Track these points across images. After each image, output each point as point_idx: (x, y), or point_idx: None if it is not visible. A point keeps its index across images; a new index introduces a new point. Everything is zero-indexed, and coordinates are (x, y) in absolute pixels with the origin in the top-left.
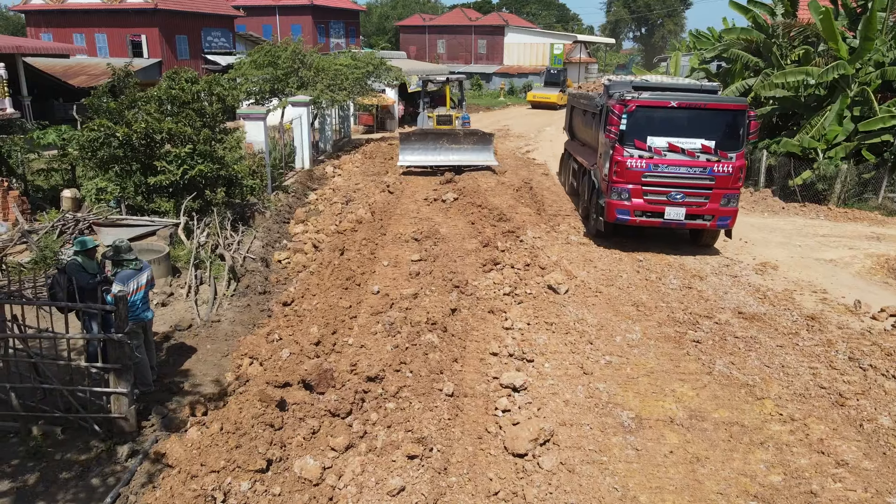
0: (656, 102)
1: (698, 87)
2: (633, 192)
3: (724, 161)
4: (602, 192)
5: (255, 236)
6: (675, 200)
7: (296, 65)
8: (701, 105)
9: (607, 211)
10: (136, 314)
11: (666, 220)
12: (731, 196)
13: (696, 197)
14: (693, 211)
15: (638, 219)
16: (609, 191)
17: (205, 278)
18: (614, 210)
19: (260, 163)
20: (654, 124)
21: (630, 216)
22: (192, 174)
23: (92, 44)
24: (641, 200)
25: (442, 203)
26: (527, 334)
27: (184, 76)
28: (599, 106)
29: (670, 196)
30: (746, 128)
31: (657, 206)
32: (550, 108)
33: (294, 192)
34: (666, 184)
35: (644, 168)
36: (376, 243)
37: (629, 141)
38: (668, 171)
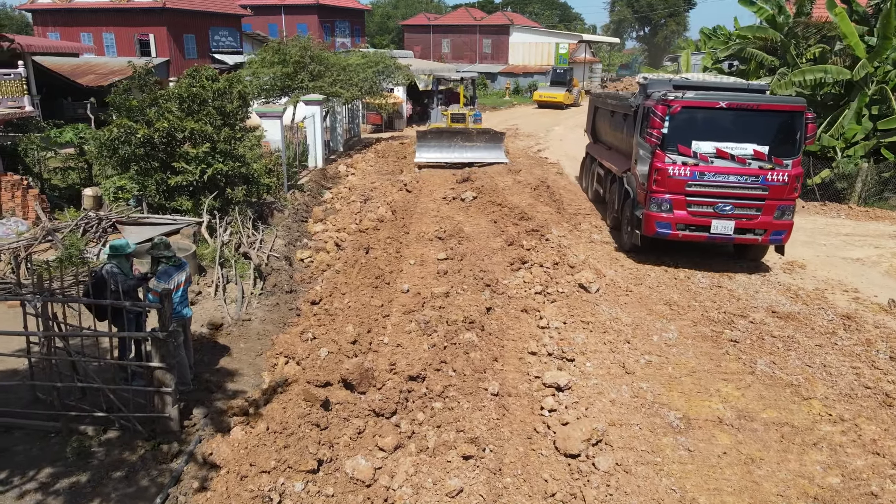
0: (704, 103)
1: (745, 86)
2: (676, 202)
3: (778, 169)
4: (638, 203)
5: (276, 235)
6: (723, 213)
7: (304, 59)
8: (753, 106)
9: (645, 224)
10: (177, 311)
11: (712, 234)
12: (785, 208)
13: (747, 209)
14: (743, 224)
15: (680, 233)
16: (647, 201)
17: (231, 277)
18: (653, 223)
19: (276, 161)
20: (700, 127)
21: (671, 230)
22: (209, 173)
23: (100, 43)
24: (685, 212)
25: (461, 202)
26: (564, 333)
27: (204, 74)
28: (634, 106)
29: (717, 208)
30: (804, 131)
31: (702, 219)
32: (557, 108)
33: (309, 190)
34: (713, 194)
35: (688, 176)
36: (401, 242)
37: (671, 146)
38: (716, 179)
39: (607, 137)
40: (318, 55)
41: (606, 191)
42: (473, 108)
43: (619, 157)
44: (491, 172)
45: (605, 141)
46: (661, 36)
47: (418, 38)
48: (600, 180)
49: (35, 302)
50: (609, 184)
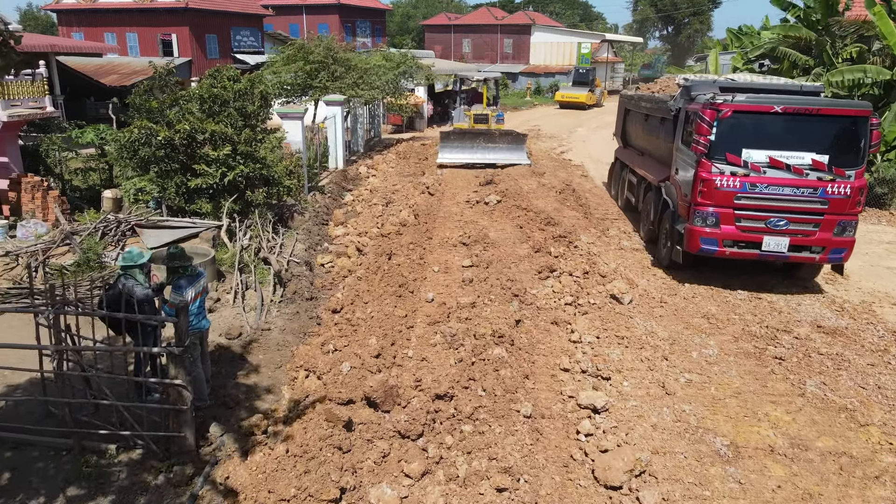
0: (757, 107)
1: (798, 88)
2: (723, 217)
3: (839, 180)
4: (680, 216)
5: (296, 239)
6: (777, 228)
7: (328, 60)
8: (812, 110)
9: (688, 239)
10: (193, 324)
11: (764, 251)
12: (847, 223)
13: (803, 224)
14: (798, 241)
15: (728, 250)
16: (692, 215)
17: (250, 283)
18: (697, 239)
19: (297, 163)
20: (751, 134)
21: (718, 247)
22: (230, 177)
23: (123, 43)
24: (733, 227)
25: (485, 206)
26: (598, 349)
27: (226, 74)
28: (674, 110)
29: (770, 223)
30: (868, 138)
31: (753, 235)
32: (579, 109)
33: (330, 192)
34: (765, 207)
35: (738, 188)
36: (424, 248)
37: (719, 154)
38: (769, 191)
39: (640, 142)
40: (341, 57)
41: (640, 200)
42: (496, 109)
43: (655, 164)
44: (514, 175)
45: (638, 146)
46: (685, 35)
47: (439, 37)
48: (632, 188)
49: (47, 314)
50: (643, 193)
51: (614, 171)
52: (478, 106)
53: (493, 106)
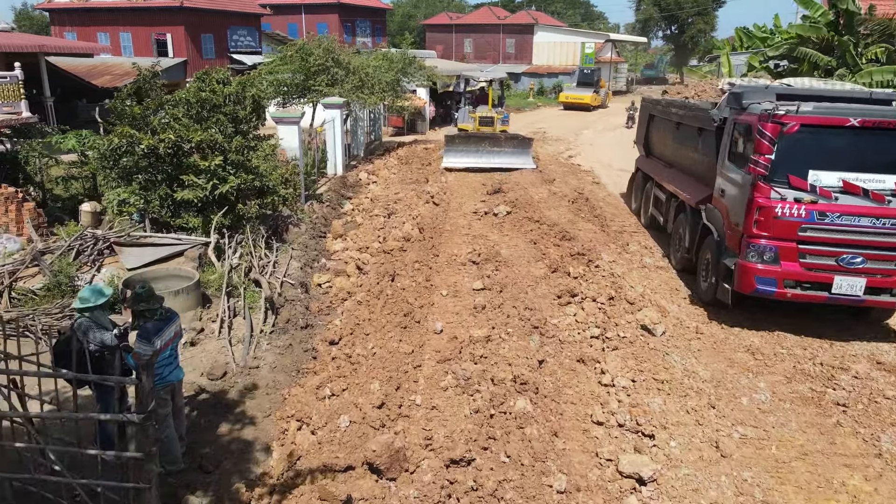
0: (829, 120)
1: (867, 95)
2: (784, 252)
3: None
4: (728, 248)
5: (291, 255)
6: (851, 266)
7: (328, 62)
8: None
9: (740, 277)
10: (164, 377)
11: (834, 294)
12: None
13: (884, 262)
14: (877, 283)
15: (789, 291)
16: (744, 248)
17: (238, 309)
18: (752, 277)
19: (293, 170)
20: (820, 152)
21: (777, 287)
22: (223, 190)
23: (117, 43)
24: (796, 265)
25: (494, 217)
26: (634, 395)
27: (215, 77)
28: (718, 120)
29: (843, 260)
30: None
31: (821, 275)
32: (584, 110)
33: (328, 201)
34: (837, 241)
35: (803, 217)
36: (430, 267)
37: (781, 176)
38: (841, 222)
39: (669, 154)
40: (341, 59)
41: (669, 220)
42: (502, 110)
43: (690, 180)
44: (523, 183)
45: (666, 157)
46: (689, 35)
47: (440, 37)
48: (659, 205)
49: None
50: (673, 212)
51: (635, 182)
52: (483, 107)
53: (498, 108)
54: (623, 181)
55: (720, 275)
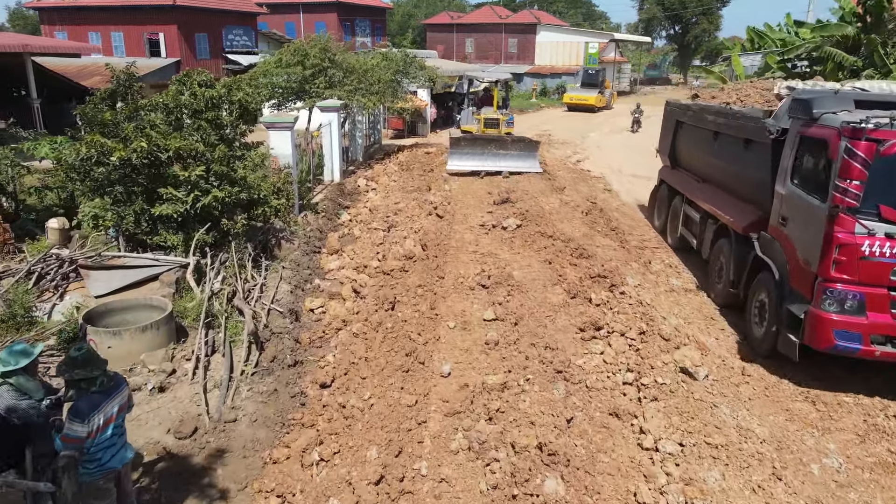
0: None
1: None
2: (873, 300)
3: None
4: (795, 291)
5: (281, 276)
6: None
7: (325, 63)
8: None
9: (814, 329)
10: (103, 463)
11: None
12: None
13: None
14: None
15: (878, 349)
16: (820, 293)
17: (218, 342)
18: (829, 330)
19: (286, 179)
20: None
21: (862, 344)
22: (205, 202)
23: (108, 42)
24: (888, 316)
25: (503, 231)
26: (685, 466)
27: (196, 79)
28: (775, 132)
29: None
30: None
31: None
32: (588, 111)
33: (324, 211)
34: None
35: None
36: (435, 292)
37: (868, 206)
38: None
39: (705, 168)
40: (339, 59)
41: (705, 244)
42: (507, 112)
43: (733, 200)
44: (532, 192)
45: (700, 171)
46: (692, 35)
47: (441, 37)
48: (691, 225)
49: None
50: (711, 236)
51: (658, 196)
52: (487, 109)
53: (502, 109)
54: (636, 188)
55: (783, 323)
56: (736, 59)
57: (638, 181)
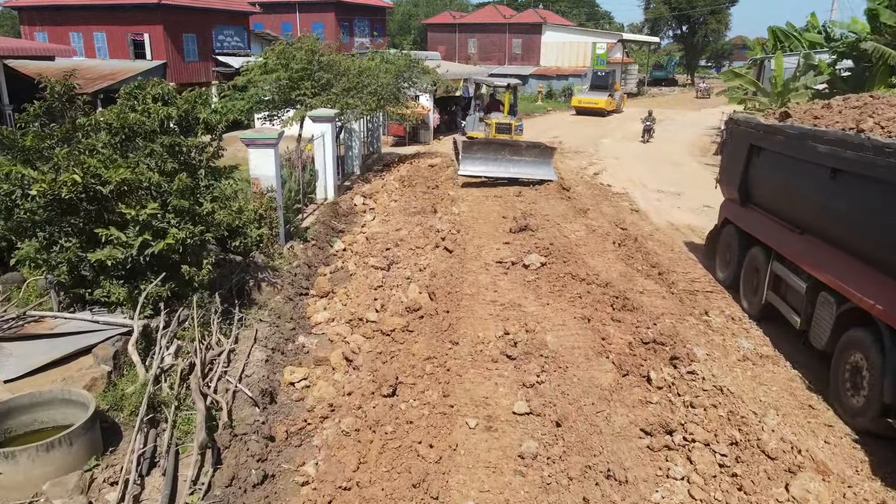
0: None
1: None
2: None
3: None
4: None
5: (256, 336)
6: None
7: (311, 66)
8: None
9: None
10: None
11: None
12: None
13: None
14: None
15: None
16: None
17: (161, 449)
18: None
19: (269, 205)
20: None
21: None
22: (158, 248)
23: (90, 44)
24: None
25: (524, 270)
26: None
27: (150, 92)
28: None
29: None
30: None
31: None
32: (598, 115)
33: (315, 237)
34: None
35: None
36: (447, 367)
37: None
38: None
39: (810, 215)
40: (328, 61)
41: (822, 332)
42: (517, 119)
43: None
44: (553, 215)
45: (799, 219)
46: (700, 35)
47: (442, 37)
48: (788, 294)
49: None
50: (833, 321)
51: (723, 240)
52: (498, 114)
53: (511, 115)
54: (665, 206)
55: None
56: (778, 60)
57: (666, 199)
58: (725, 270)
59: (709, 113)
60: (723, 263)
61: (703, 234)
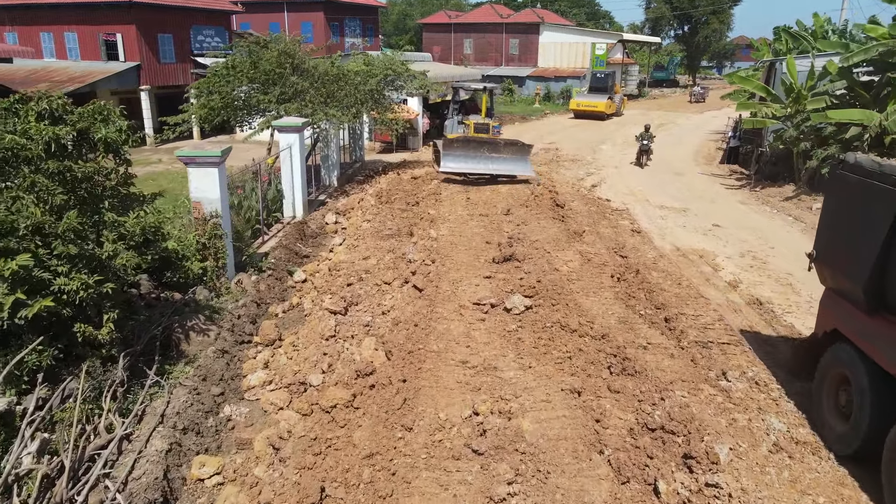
0: None
1: None
2: None
3: None
4: None
5: (164, 411)
6: None
7: (284, 69)
8: None
9: None
10: None
11: None
12: None
13: None
14: None
15: None
16: None
17: None
18: None
19: (213, 232)
20: None
21: None
22: (33, 310)
23: (62, 44)
24: None
25: (505, 314)
26: None
27: (34, 108)
28: None
29: None
30: None
31: None
32: (597, 119)
33: (273, 266)
34: None
35: None
36: (392, 471)
37: None
38: None
39: None
40: (303, 66)
41: None
42: (495, 120)
43: None
44: (543, 240)
45: None
46: (702, 35)
47: (438, 37)
48: None
49: None
50: None
51: (831, 369)
52: (476, 116)
53: (488, 117)
54: (670, 225)
55: None
56: (791, 63)
57: (671, 216)
58: (843, 425)
59: (712, 116)
60: (833, 410)
61: (714, 261)
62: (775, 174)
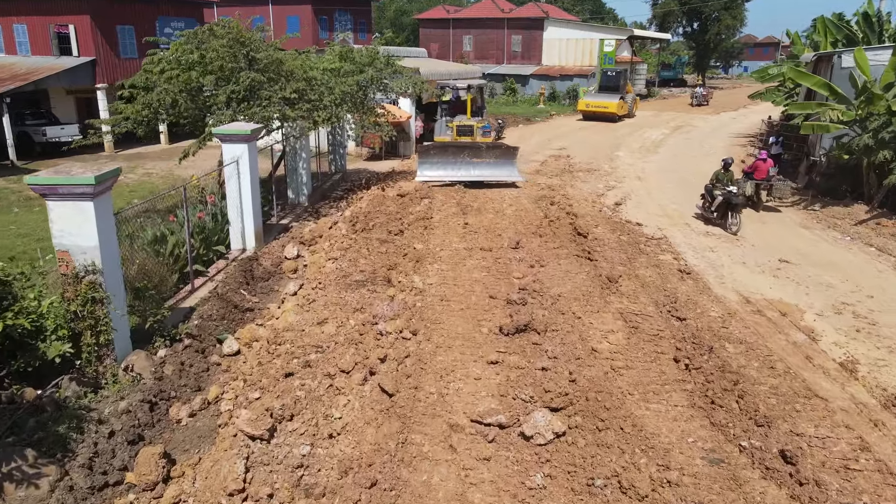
0: None
1: None
2: None
3: None
4: None
5: None
6: None
7: (237, 62)
8: None
9: None
10: None
11: None
12: None
13: None
14: None
15: None
16: None
17: None
18: None
19: (88, 293)
20: None
21: None
22: None
23: (10, 36)
24: None
25: (524, 444)
26: None
27: None
28: None
29: None
30: None
31: None
32: (608, 120)
33: (195, 334)
34: None
35: None
36: None
37: None
38: None
39: None
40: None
41: None
42: (483, 119)
43: None
44: (566, 294)
45: None
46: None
47: (436, 33)
48: None
49: None
50: None
51: None
52: (461, 117)
53: (478, 117)
54: (724, 260)
55: None
56: (861, 56)
57: (721, 245)
58: None
59: (730, 118)
60: None
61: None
62: (831, 189)
